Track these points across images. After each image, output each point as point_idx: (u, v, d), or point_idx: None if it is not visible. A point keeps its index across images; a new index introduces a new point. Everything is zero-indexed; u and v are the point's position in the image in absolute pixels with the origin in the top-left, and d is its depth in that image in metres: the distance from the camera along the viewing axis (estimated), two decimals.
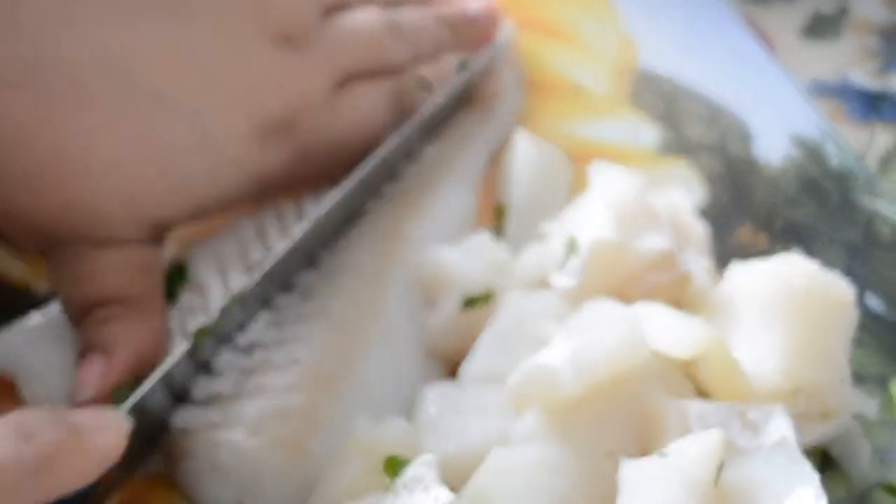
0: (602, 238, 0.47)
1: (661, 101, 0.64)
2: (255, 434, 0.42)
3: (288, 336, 0.46)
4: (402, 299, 0.50)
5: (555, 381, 0.40)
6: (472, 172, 0.58)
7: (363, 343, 0.46)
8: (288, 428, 0.42)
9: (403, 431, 0.43)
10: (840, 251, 0.56)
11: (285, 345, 0.46)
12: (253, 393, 0.44)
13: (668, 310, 0.43)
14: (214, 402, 0.44)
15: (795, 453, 0.39)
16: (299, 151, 0.52)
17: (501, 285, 0.50)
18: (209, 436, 0.43)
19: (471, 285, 0.49)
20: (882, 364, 0.50)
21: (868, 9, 0.71)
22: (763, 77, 0.65)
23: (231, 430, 0.42)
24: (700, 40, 0.68)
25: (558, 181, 0.58)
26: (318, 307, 0.48)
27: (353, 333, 0.46)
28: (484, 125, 0.60)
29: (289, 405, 0.43)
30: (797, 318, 0.44)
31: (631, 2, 0.71)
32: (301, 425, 0.43)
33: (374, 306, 0.48)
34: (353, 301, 0.48)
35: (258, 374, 0.45)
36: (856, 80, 0.66)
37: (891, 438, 0.47)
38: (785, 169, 0.60)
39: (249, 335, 0.46)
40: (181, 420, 0.44)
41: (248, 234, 0.52)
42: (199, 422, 0.43)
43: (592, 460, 0.40)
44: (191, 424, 0.43)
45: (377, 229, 0.52)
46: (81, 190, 0.46)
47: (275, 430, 0.42)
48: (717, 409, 0.41)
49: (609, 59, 0.67)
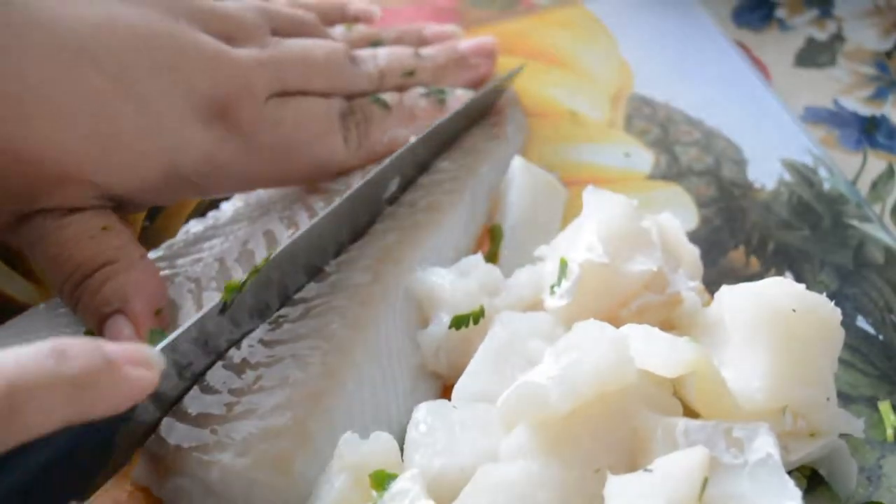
0: (593, 260, 0.48)
1: (656, 126, 0.65)
2: (245, 455, 0.43)
3: (280, 355, 0.47)
4: (397, 319, 0.50)
5: (543, 398, 0.40)
6: (482, 190, 0.59)
7: (355, 362, 0.47)
8: (276, 448, 0.43)
9: (388, 446, 0.43)
10: (831, 273, 0.56)
11: (277, 365, 0.46)
12: (243, 415, 0.44)
13: (655, 330, 0.44)
14: (206, 422, 0.44)
15: (779, 470, 0.40)
16: (244, 141, 0.53)
17: (492, 306, 0.51)
18: (200, 456, 0.43)
19: (461, 305, 0.50)
20: (872, 385, 0.51)
21: (861, 37, 0.72)
22: (757, 103, 0.66)
23: (221, 450, 0.43)
24: (695, 67, 0.69)
25: (552, 206, 0.59)
26: (314, 326, 0.48)
27: (345, 353, 0.47)
28: (496, 142, 0.62)
29: (277, 425, 0.43)
30: (784, 338, 0.44)
31: (628, 29, 0.72)
32: (289, 444, 0.43)
33: (368, 326, 0.48)
34: (348, 320, 0.48)
35: (249, 395, 0.45)
36: (848, 107, 0.67)
37: (878, 458, 0.48)
38: (778, 193, 0.61)
39: (242, 353, 0.47)
40: (174, 438, 0.44)
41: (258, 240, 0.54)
42: (191, 440, 0.44)
43: (580, 476, 0.40)
44: (183, 443, 0.44)
45: (377, 248, 0.52)
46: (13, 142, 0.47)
47: (263, 450, 0.43)
48: (703, 426, 0.41)
49: (606, 85, 0.68)
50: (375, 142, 0.58)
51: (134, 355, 0.38)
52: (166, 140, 0.50)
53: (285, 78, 0.55)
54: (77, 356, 0.36)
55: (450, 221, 0.56)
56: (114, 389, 0.37)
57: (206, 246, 0.55)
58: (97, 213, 0.50)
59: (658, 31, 0.72)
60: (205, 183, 0.53)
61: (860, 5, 0.74)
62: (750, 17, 0.73)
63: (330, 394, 0.45)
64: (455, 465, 0.42)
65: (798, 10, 0.74)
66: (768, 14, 0.73)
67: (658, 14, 0.73)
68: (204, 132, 0.51)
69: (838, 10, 0.73)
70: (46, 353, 0.36)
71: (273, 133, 0.54)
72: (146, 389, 0.38)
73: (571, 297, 0.48)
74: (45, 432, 0.35)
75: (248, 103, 0.52)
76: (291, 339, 0.48)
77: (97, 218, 0.50)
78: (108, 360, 0.37)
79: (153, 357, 0.39)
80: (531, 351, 0.47)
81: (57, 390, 0.35)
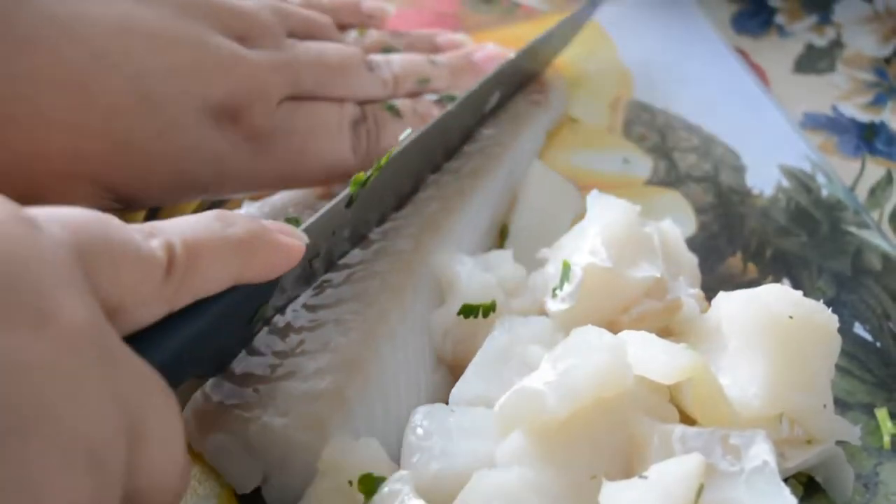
0: (595, 265, 0.48)
1: (655, 132, 0.65)
2: (284, 415, 0.44)
3: (322, 320, 0.48)
4: (433, 288, 0.51)
5: (540, 403, 0.40)
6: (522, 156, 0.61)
7: (390, 329, 0.48)
8: (314, 409, 0.44)
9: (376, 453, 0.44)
10: (829, 280, 0.56)
11: (319, 329, 0.48)
12: (285, 376, 0.46)
13: (652, 337, 0.44)
14: (250, 382, 0.46)
15: (775, 477, 0.40)
16: (254, 144, 0.53)
17: (507, 305, 0.51)
18: (241, 413, 0.44)
19: (474, 295, 0.50)
20: (869, 392, 0.51)
21: (860, 43, 0.72)
22: (755, 109, 0.66)
23: (262, 409, 0.44)
24: (694, 73, 0.69)
25: (563, 213, 0.59)
26: (356, 291, 0.49)
27: (383, 319, 0.48)
28: (537, 108, 0.63)
29: (316, 388, 0.45)
30: (781, 345, 0.44)
31: (628, 35, 0.72)
32: (326, 407, 0.44)
33: (406, 292, 0.49)
34: (388, 285, 0.49)
35: (291, 357, 0.46)
36: (847, 114, 0.67)
37: (874, 465, 0.48)
38: (776, 199, 0.61)
39: (287, 317, 0.48)
40: (218, 395, 0.45)
41: None
42: (233, 398, 0.45)
43: (575, 482, 0.40)
44: (227, 400, 0.45)
45: (420, 216, 0.54)
46: (26, 142, 0.47)
47: (302, 412, 0.44)
48: (700, 433, 0.41)
49: (605, 91, 0.68)
50: (385, 148, 0.58)
51: (284, 227, 0.43)
52: (179, 142, 0.50)
53: (299, 81, 0.55)
54: (239, 221, 0.40)
55: (489, 187, 0.57)
56: (271, 253, 0.41)
57: None
58: None
59: (657, 38, 0.72)
60: (213, 184, 0.53)
61: (859, 12, 0.74)
62: (749, 24, 0.73)
63: (367, 360, 0.47)
64: (451, 470, 0.42)
65: (797, 16, 0.74)
66: (767, 20, 0.74)
67: (657, 20, 0.73)
68: (216, 135, 0.51)
69: (837, 17, 0.73)
70: (213, 216, 0.39)
71: (284, 138, 0.54)
72: (297, 257, 0.42)
73: (574, 301, 0.48)
74: (216, 290, 0.39)
75: (261, 107, 0.52)
76: (334, 303, 0.49)
77: None
78: (265, 227, 0.41)
79: (297, 231, 0.44)
80: (530, 356, 0.47)
81: (226, 249, 0.39)
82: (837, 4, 0.74)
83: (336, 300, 0.49)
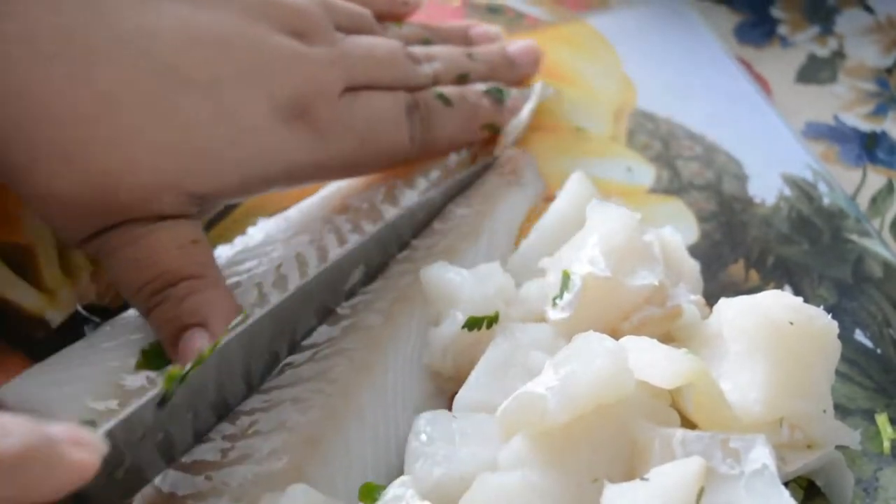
0: (594, 273, 0.49)
1: (658, 141, 0.66)
2: (240, 500, 0.42)
3: (277, 399, 0.46)
4: (406, 360, 0.50)
5: (542, 408, 0.41)
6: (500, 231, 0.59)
7: (359, 405, 0.47)
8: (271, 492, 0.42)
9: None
10: (830, 287, 0.57)
11: (274, 409, 0.46)
12: (238, 460, 0.44)
13: (654, 342, 0.44)
14: (201, 469, 0.44)
15: (775, 481, 0.40)
16: (320, 140, 0.54)
17: (506, 314, 0.51)
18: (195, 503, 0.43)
19: (477, 308, 0.50)
20: (869, 398, 0.51)
21: (862, 54, 0.72)
22: (758, 119, 0.67)
23: (217, 497, 0.43)
24: (697, 83, 0.69)
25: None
26: (319, 369, 0.48)
27: (349, 396, 0.47)
28: (511, 189, 0.61)
29: (273, 470, 0.43)
30: (781, 350, 0.45)
31: (631, 45, 0.73)
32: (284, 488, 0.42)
33: (375, 368, 0.48)
34: (355, 363, 0.48)
35: (243, 440, 0.45)
36: (849, 123, 0.67)
37: (874, 470, 0.48)
38: (778, 207, 0.61)
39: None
40: (168, 485, 0.43)
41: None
42: (186, 488, 0.43)
43: (577, 485, 0.41)
44: (178, 490, 0.43)
45: (392, 290, 0.52)
46: (112, 158, 0.48)
47: (259, 495, 0.42)
48: (700, 437, 0.42)
49: (609, 100, 0.69)
50: (436, 137, 0.59)
51: (76, 435, 0.34)
52: (251, 146, 0.51)
53: (354, 75, 0.56)
54: (16, 434, 0.32)
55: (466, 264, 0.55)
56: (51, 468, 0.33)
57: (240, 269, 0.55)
58: (188, 224, 0.50)
59: (661, 48, 0.72)
60: (282, 178, 0.54)
61: (861, 22, 0.74)
62: (752, 34, 0.74)
63: (329, 437, 0.45)
64: (454, 475, 0.43)
65: (800, 26, 0.74)
66: (770, 31, 0.74)
67: (661, 30, 0.73)
68: (285, 133, 0.53)
69: (839, 28, 0.74)
70: None
71: (347, 129, 0.55)
72: (85, 475, 0.34)
73: (573, 310, 0.49)
74: None
75: (324, 102, 0.54)
76: (292, 383, 0.48)
77: (188, 229, 0.50)
78: (48, 441, 0.33)
79: (93, 438, 0.35)
80: (532, 362, 0.48)
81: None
82: (839, 15, 0.75)
83: (296, 379, 0.48)
